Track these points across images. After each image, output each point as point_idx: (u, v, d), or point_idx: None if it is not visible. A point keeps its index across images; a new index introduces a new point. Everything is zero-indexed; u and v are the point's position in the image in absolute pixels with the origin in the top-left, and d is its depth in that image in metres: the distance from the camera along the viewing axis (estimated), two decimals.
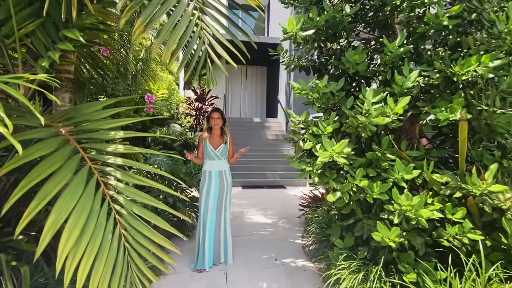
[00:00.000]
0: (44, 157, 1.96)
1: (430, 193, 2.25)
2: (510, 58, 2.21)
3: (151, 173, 4.31)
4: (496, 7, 2.40)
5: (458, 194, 2.15)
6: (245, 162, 8.69)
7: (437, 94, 2.35)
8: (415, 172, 2.16)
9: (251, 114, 13.13)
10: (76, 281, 1.74)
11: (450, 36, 2.39)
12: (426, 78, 2.28)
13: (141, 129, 13.75)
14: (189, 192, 4.46)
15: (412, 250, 2.29)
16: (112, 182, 2.10)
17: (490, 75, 2.06)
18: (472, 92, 2.30)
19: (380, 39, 2.68)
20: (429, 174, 2.24)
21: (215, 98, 11.22)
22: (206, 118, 3.46)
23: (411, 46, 2.29)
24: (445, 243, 2.13)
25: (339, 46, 3.12)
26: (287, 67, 3.36)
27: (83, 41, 2.29)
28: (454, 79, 2.11)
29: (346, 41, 2.98)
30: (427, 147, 2.84)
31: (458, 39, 2.38)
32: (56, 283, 2.39)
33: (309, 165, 2.47)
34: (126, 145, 2.30)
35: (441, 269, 2.17)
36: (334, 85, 2.49)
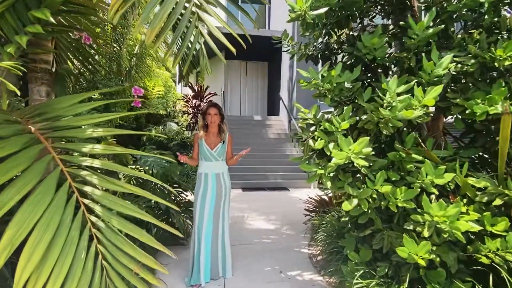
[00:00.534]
0: (4, 159, 1.68)
1: (465, 201, 1.97)
2: None
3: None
4: None
5: (498, 202, 1.87)
6: (245, 163, 8.40)
7: (471, 84, 2.06)
8: (448, 176, 1.87)
9: (252, 112, 12.84)
10: None
11: (486, 16, 2.10)
12: (459, 65, 1.99)
13: (136, 128, 13.49)
14: (184, 196, 4.17)
15: (443, 267, 2.00)
16: (88, 189, 1.82)
17: None
18: None
19: (401, 22, 2.39)
20: (463, 178, 1.96)
21: (214, 95, 10.93)
22: (202, 115, 3.17)
23: (442, 26, 2.00)
24: (484, 260, 1.84)
25: (352, 32, 2.84)
26: (292, 56, 3.07)
27: (54, 22, 2.00)
28: (495, 65, 1.82)
29: (361, 25, 2.69)
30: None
31: (496, 19, 2.08)
32: None
33: (320, 167, 2.18)
34: (106, 145, 2.01)
35: None
36: (349, 75, 2.20)
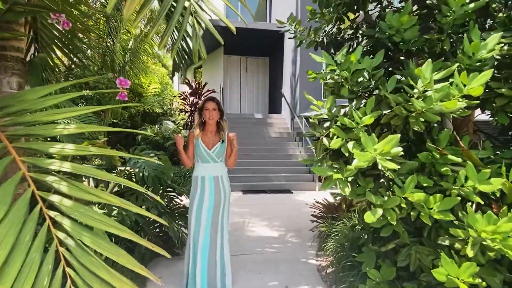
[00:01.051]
0: None
1: None
2: None
3: (133, 178, 3.74)
4: None
5: None
6: (246, 164, 8.10)
7: None
8: (496, 182, 1.57)
9: (252, 110, 12.56)
10: None
11: None
12: (505, 47, 1.70)
13: (132, 127, 13.22)
14: (179, 201, 3.88)
15: None
16: (55, 198, 1.52)
17: None
18: None
19: (428, 1, 2.09)
20: (510, 184, 1.66)
21: (212, 92, 10.63)
22: (198, 110, 2.87)
23: (485, 0, 1.70)
24: None
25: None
26: (300, 44, 2.77)
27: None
28: None
29: (380, 6, 2.39)
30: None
31: None
32: None
33: (336, 171, 1.88)
34: (80, 145, 1.72)
35: None
36: (370, 61, 1.90)
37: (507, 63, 1.76)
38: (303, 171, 8.46)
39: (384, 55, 2.38)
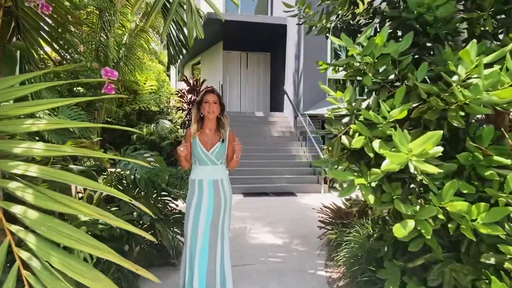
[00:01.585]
0: None
1: None
2: None
3: (124, 180, 3.50)
4: None
5: None
6: (246, 164, 7.85)
7: None
8: None
9: (253, 108, 12.31)
10: None
11: None
12: None
13: (127, 126, 12.94)
14: (174, 206, 3.63)
15: None
16: (18, 210, 1.28)
17: None
18: None
19: None
20: None
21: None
22: (196, 104, 2.62)
23: None
24: None
25: None
26: (309, 30, 2.53)
27: None
28: None
29: None
30: None
31: None
32: None
33: (358, 174, 1.64)
34: (52, 145, 1.47)
35: None
36: (396, 45, 1.65)
37: None
38: (307, 172, 8.21)
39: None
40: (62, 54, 3.66)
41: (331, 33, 2.54)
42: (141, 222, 3.20)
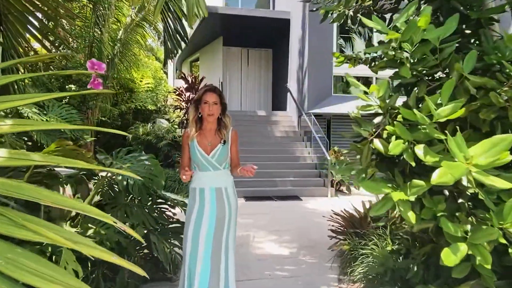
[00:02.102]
0: None
1: None
2: None
3: (116, 187, 3.25)
4: None
5: None
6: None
7: None
8: None
9: (254, 107, 12.06)
10: None
11: None
12: None
13: (122, 125, 12.72)
14: (171, 215, 3.37)
15: None
16: None
17: None
18: None
19: None
20: None
21: None
22: (194, 103, 2.37)
23: None
24: None
25: None
26: (325, 16, 2.27)
27: None
28: None
29: None
30: None
31: None
32: None
33: (393, 186, 1.38)
34: (15, 151, 1.22)
35: None
36: (437, 31, 1.40)
37: None
38: (313, 175, 7.96)
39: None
40: (51, 49, 3.41)
41: (350, 21, 2.28)
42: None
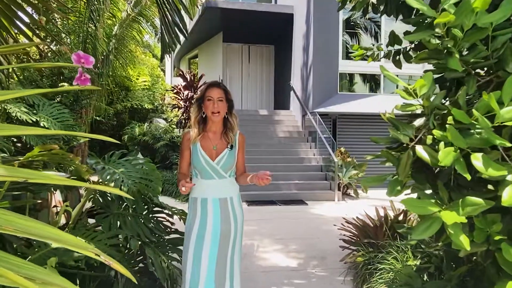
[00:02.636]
0: None
1: None
2: None
3: (109, 195, 3.04)
4: None
5: None
6: (250, 168, 7.36)
7: None
8: None
9: (256, 105, 11.85)
10: None
11: None
12: None
13: (117, 125, 12.49)
14: (169, 224, 3.15)
15: None
16: None
17: None
18: None
19: None
20: None
21: None
22: (197, 102, 2.16)
23: None
24: None
25: None
26: (342, 6, 2.06)
27: None
28: None
29: None
30: None
31: None
32: None
33: (436, 201, 1.17)
34: None
35: None
36: (489, 16, 1.18)
37: None
38: (318, 178, 7.75)
39: None
40: (31, 38, 3.20)
41: (372, 9, 2.07)
42: (128, 246, 2.73)
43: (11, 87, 3.73)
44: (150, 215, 3.02)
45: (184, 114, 10.02)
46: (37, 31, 3.38)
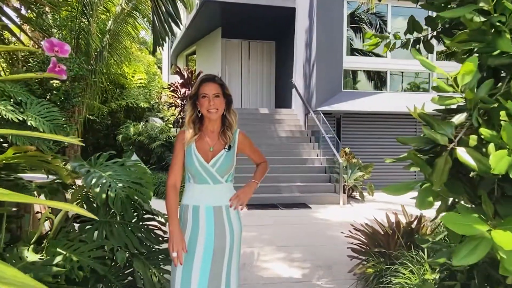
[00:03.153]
0: None
1: None
2: None
3: (94, 201, 2.83)
4: None
5: None
6: (249, 170, 7.17)
7: None
8: None
9: (256, 104, 11.66)
10: None
11: None
12: None
13: (112, 124, 12.27)
14: (161, 233, 2.94)
15: None
16: None
17: None
18: None
19: None
20: None
21: None
22: (190, 99, 1.95)
23: None
24: None
25: None
26: None
27: None
28: None
29: None
30: None
31: None
32: None
33: (480, 216, 0.96)
34: None
35: None
36: None
37: None
38: (322, 180, 7.54)
39: None
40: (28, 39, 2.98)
41: None
42: (113, 259, 2.51)
43: None
44: (140, 223, 2.80)
45: (181, 113, 9.83)
46: (24, 25, 3.18)
